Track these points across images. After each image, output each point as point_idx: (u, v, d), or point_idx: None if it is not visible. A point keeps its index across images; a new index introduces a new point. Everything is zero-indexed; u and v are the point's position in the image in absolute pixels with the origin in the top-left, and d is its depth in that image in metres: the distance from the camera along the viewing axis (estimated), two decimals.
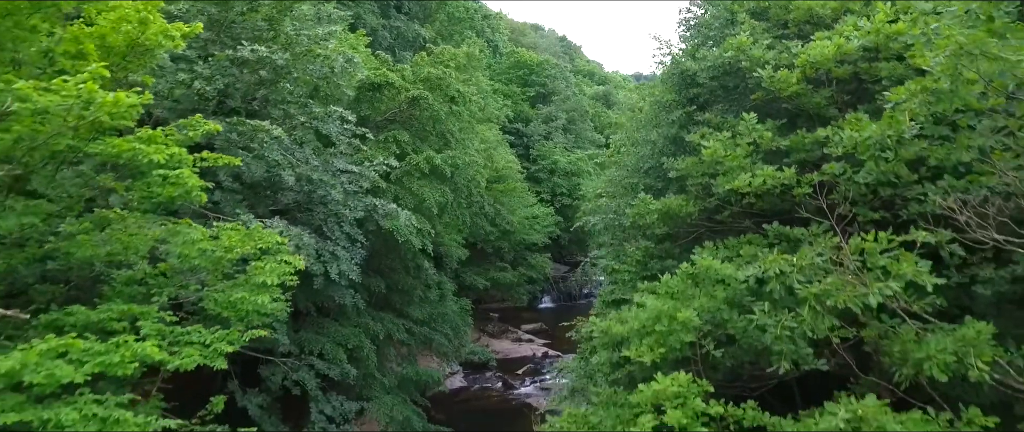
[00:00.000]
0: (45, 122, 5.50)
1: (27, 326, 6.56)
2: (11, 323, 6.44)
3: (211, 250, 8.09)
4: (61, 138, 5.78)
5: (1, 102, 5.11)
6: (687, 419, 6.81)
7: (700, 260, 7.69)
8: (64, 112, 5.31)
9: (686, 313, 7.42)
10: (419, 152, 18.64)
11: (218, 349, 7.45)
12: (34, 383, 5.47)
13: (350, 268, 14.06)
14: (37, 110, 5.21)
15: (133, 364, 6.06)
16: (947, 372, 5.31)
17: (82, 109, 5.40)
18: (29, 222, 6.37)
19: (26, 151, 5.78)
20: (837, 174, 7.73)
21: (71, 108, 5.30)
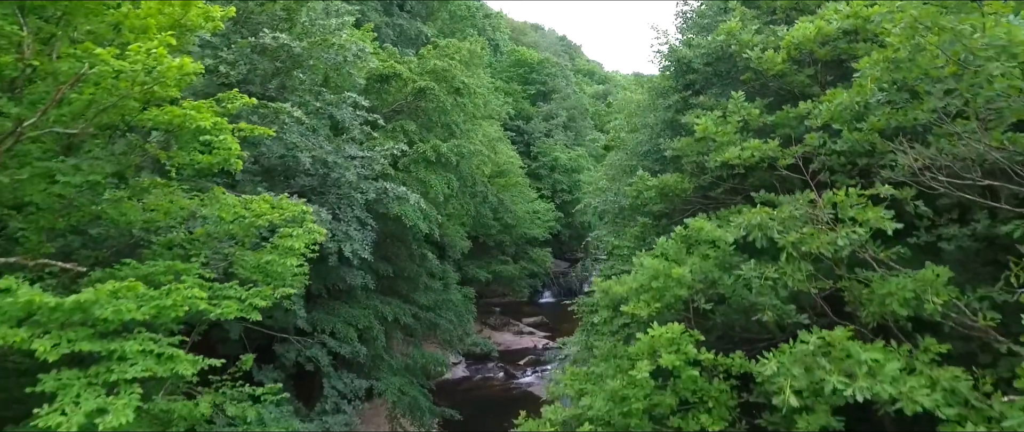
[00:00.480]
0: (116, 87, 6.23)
1: (84, 278, 7.30)
2: (70, 274, 7.17)
3: (243, 216, 8.83)
4: (127, 100, 6.51)
5: (78, 67, 5.85)
6: (680, 362, 7.56)
7: (693, 223, 8.45)
8: (132, 76, 6.05)
9: (680, 270, 8.18)
10: (426, 141, 19.40)
11: (252, 303, 8.20)
12: (101, 319, 6.21)
13: (362, 248, 14.81)
14: (111, 73, 5.94)
15: (183, 307, 6.80)
16: (907, 307, 6.06)
17: (146, 74, 6.14)
18: (93, 180, 7.12)
19: (97, 112, 6.53)
20: (817, 145, 8.49)
21: (138, 73, 6.04)
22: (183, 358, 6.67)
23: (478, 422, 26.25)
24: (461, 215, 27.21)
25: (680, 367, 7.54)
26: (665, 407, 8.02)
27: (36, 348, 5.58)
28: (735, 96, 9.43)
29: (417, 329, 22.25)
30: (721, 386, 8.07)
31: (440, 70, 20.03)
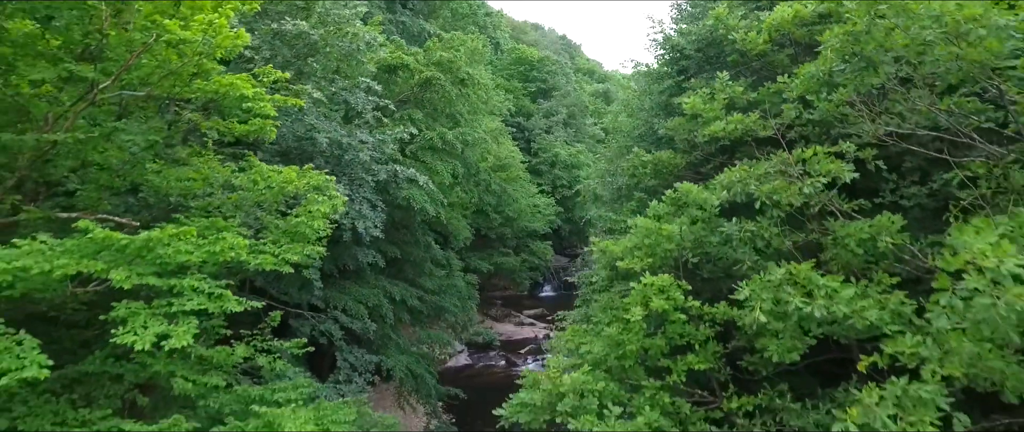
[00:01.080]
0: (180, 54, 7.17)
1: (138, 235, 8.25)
2: (125, 229, 8.13)
3: (275, 183, 9.80)
4: (187, 67, 7.46)
5: (148, 37, 6.80)
6: (669, 307, 8.52)
7: (682, 186, 9.42)
8: (193, 46, 7.00)
9: (669, 228, 9.16)
10: (432, 129, 20.38)
11: (285, 257, 9.17)
12: (163, 258, 7.18)
13: (374, 225, 15.78)
14: (176, 41, 6.89)
15: (230, 253, 7.76)
16: (862, 246, 7.03)
17: (203, 45, 7.08)
18: (152, 140, 8.07)
19: (160, 78, 7.47)
20: (793, 117, 9.46)
21: (197, 43, 6.98)
22: (230, 298, 7.63)
23: (480, 406, 27.14)
24: (464, 203, 28.19)
25: (669, 311, 8.50)
26: (656, 350, 8.96)
27: (113, 277, 6.53)
28: (721, 76, 10.41)
29: (423, 312, 23.19)
30: (706, 331, 9.02)
31: (445, 61, 21.00)
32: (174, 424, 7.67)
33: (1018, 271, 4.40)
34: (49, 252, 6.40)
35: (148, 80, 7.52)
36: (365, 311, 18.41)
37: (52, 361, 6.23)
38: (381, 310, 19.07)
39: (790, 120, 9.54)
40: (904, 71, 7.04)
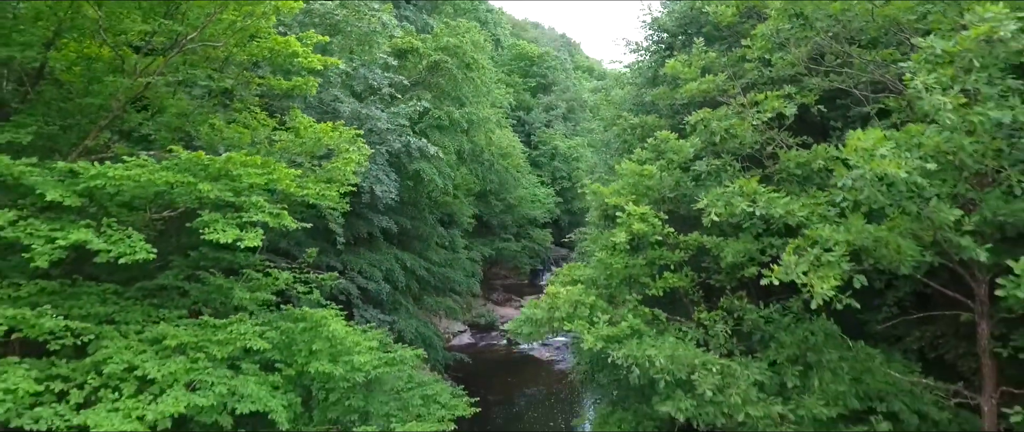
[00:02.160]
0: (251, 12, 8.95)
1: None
2: None
3: (312, 135, 11.60)
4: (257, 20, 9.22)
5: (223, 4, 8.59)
6: (648, 229, 10.30)
7: (660, 134, 11.21)
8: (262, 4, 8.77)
9: (650, 169, 10.95)
10: (440, 109, 22.19)
11: (325, 194, 10.96)
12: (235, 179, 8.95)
13: (390, 189, 17.57)
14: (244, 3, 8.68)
15: (285, 180, 9.54)
16: (801, 168, 8.83)
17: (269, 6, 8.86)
18: (222, 86, 9.84)
19: (232, 33, 9.24)
20: (755, 76, 11.27)
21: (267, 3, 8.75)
22: (286, 216, 9.42)
23: (482, 381, 28.94)
24: (469, 184, 29.98)
25: (648, 233, 10.27)
26: (639, 269, 10.75)
27: (201, 187, 8.31)
28: (697, 42, 12.21)
29: (430, 282, 24.97)
30: (681, 255, 10.82)
31: (452, 46, 22.81)
32: (239, 320, 9.45)
33: (885, 152, 6.17)
34: (151, 166, 8.16)
35: (222, 35, 9.28)
36: (380, 274, 20.18)
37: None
38: (394, 274, 20.84)
39: (753, 79, 11.34)
40: (835, 28, 8.84)
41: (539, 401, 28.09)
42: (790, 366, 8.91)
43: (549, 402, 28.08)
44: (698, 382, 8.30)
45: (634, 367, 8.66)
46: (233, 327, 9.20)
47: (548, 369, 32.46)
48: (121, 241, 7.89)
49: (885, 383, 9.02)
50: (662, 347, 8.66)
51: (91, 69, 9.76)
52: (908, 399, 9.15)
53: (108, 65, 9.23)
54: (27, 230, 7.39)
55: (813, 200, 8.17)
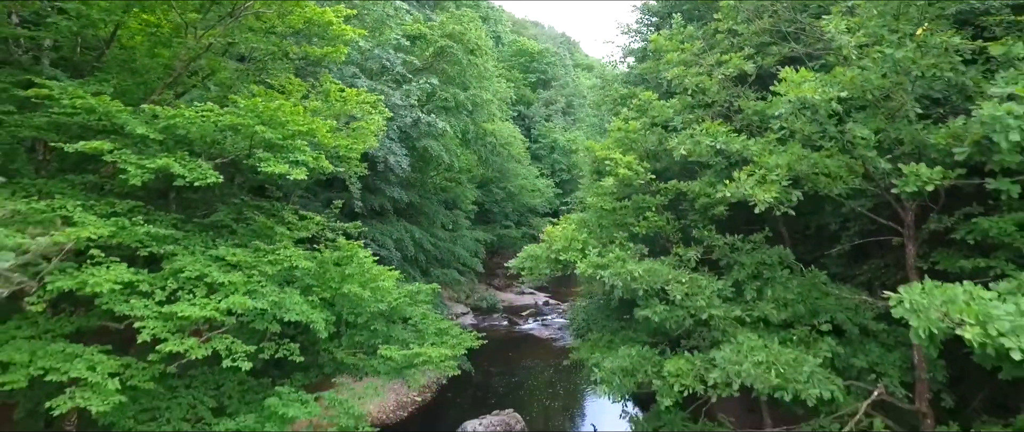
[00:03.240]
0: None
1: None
2: None
3: (342, 98, 13.41)
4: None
5: None
6: (632, 174, 12.13)
7: (644, 94, 13.05)
8: None
9: (634, 124, 12.79)
10: (446, 91, 24.06)
11: (353, 146, 12.77)
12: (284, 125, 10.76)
13: (401, 161, 19.41)
14: None
15: (322, 130, 11.34)
16: (758, 115, 10.65)
17: None
18: (272, 49, 11.69)
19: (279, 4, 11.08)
20: (728, 47, 13.10)
21: None
22: (325, 162, 11.24)
23: (485, 356, 30.72)
24: (471, 167, 31.84)
25: (632, 178, 12.09)
26: (625, 211, 12.58)
27: (257, 129, 10.13)
28: (676, 18, 14.06)
29: (437, 257, 26.79)
30: (661, 199, 12.66)
31: (457, 33, 24.67)
32: (284, 246, 11.27)
33: (807, 84, 7.99)
34: (217, 110, 9.98)
35: (270, 6, 11.11)
36: (391, 243, 21.99)
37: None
38: (403, 244, 22.65)
39: (724, 49, 13.19)
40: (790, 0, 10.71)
41: (538, 372, 29.86)
42: (749, 282, 10.74)
43: (547, 373, 29.88)
44: (670, 291, 10.11)
45: (618, 282, 10.47)
46: (280, 252, 11.02)
47: (547, 346, 34.23)
48: (196, 168, 9.72)
49: (831, 300, 10.83)
50: (641, 265, 10.47)
51: (155, 36, 11.62)
52: (850, 314, 10.95)
53: (171, 32, 11.07)
54: (122, 156, 9.21)
55: (765, 139, 10.00)
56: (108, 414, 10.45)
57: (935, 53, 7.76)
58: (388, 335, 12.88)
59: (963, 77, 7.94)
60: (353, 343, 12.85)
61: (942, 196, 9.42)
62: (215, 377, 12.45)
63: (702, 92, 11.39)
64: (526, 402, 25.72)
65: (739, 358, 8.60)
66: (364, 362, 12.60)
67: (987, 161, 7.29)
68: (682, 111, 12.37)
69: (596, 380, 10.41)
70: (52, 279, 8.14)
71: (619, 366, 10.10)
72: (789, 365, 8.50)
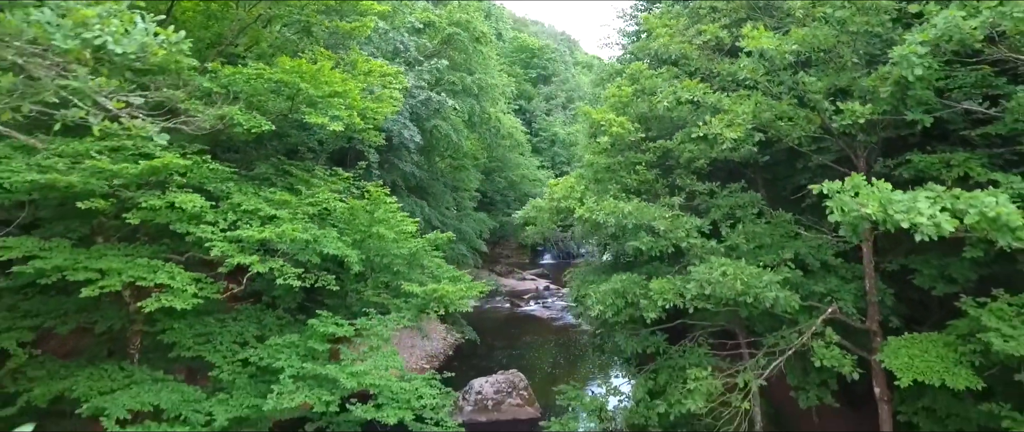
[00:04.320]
0: None
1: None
2: None
3: (368, 68, 15.27)
4: None
5: None
6: (624, 132, 13.96)
7: (634, 65, 14.90)
8: None
9: (626, 89, 14.64)
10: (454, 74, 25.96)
11: (381, 112, 14.63)
12: (323, 85, 12.60)
13: (413, 136, 21.26)
14: None
15: (354, 94, 13.19)
16: (732, 75, 12.51)
17: None
18: (307, 21, 13.55)
19: None
20: (710, 23, 14.95)
21: None
22: (357, 116, 13.10)
23: (489, 334, 32.57)
24: (476, 152, 33.72)
25: (624, 136, 13.92)
26: (618, 166, 14.41)
27: (302, 86, 11.98)
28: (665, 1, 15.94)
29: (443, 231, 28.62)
30: (649, 156, 14.48)
31: (464, 21, 26.58)
32: (322, 190, 13.12)
33: (766, 41, 9.83)
34: (267, 70, 11.84)
35: None
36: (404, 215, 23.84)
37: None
38: (414, 216, 24.47)
39: (706, 24, 15.04)
40: None
41: (538, 346, 31.70)
42: (724, 221, 12.58)
43: (548, 347, 31.74)
44: (656, 224, 11.95)
45: (611, 220, 12.31)
46: (318, 195, 12.88)
47: (548, 325, 36.07)
48: (251, 119, 11.58)
49: (798, 242, 12.64)
50: (631, 204, 12.31)
51: (206, 12, 13.50)
52: (813, 251, 12.77)
53: (220, 7, 12.96)
54: (193, 104, 11.06)
55: (737, 95, 11.86)
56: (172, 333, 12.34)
57: (869, 12, 9.62)
58: (409, 277, 14.70)
59: (892, 33, 9.79)
60: (378, 283, 14.69)
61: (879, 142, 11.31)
62: (257, 314, 14.31)
63: (686, 59, 13.25)
64: (528, 369, 27.50)
65: (710, 272, 10.43)
66: (388, 301, 14.42)
67: (906, 98, 9.16)
68: (669, 79, 14.22)
69: (591, 304, 12.24)
70: (146, 198, 9.99)
71: (611, 289, 11.93)
72: (752, 276, 10.33)
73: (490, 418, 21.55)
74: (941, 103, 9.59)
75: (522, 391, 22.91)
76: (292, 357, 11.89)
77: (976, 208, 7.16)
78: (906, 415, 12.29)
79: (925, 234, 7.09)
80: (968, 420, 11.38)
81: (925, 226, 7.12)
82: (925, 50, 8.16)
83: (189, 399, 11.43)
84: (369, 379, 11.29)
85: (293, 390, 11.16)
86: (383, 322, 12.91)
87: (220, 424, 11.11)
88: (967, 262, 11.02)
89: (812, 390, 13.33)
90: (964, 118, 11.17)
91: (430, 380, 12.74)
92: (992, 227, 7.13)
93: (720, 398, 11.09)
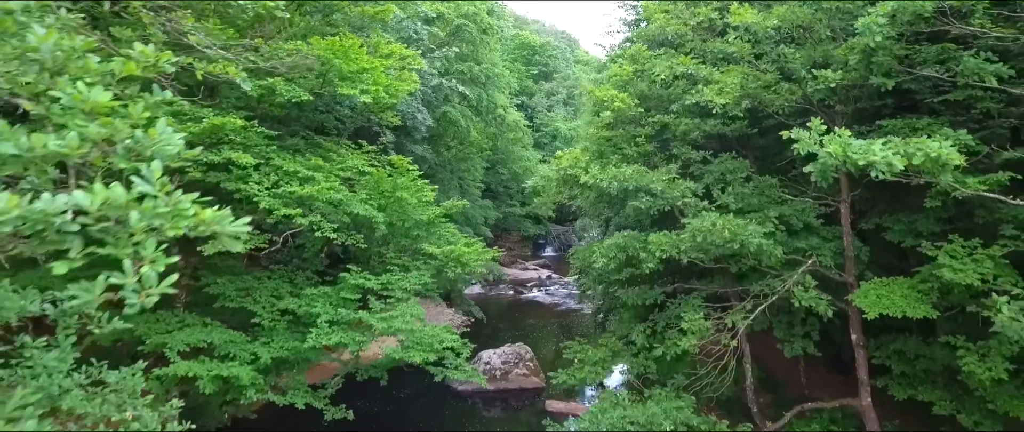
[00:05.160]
0: None
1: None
2: None
3: (389, 49, 16.71)
4: None
5: None
6: (625, 105, 15.42)
7: (634, 46, 16.35)
8: None
9: (627, 68, 16.10)
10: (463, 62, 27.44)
11: (402, 90, 16.07)
12: (353, 61, 14.04)
13: (425, 119, 22.71)
14: None
15: (380, 70, 14.63)
16: (721, 52, 13.97)
17: None
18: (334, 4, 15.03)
19: None
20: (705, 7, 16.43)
21: None
22: (383, 92, 14.53)
23: (494, 318, 34.03)
24: (482, 142, 35.17)
25: (625, 108, 15.37)
26: (619, 138, 15.86)
27: (335, 61, 13.41)
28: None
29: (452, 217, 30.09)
30: (648, 130, 15.94)
31: (471, 14, 28.06)
32: (352, 156, 14.56)
33: (750, 16, 11.27)
34: (303, 45, 13.28)
35: None
36: None
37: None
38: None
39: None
40: None
41: (541, 328, 33.18)
42: (716, 185, 14.04)
43: (550, 328, 33.22)
44: (653, 186, 13.38)
45: (614, 183, 13.73)
46: (348, 161, 14.33)
47: (550, 310, 37.53)
48: (292, 89, 13.02)
49: (785, 207, 14.07)
50: (631, 168, 13.76)
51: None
52: (798, 213, 14.20)
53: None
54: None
55: (727, 68, 13.31)
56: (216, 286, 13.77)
57: None
58: (427, 240, 16.15)
59: (862, 10, 11.24)
60: (400, 247, 16.13)
61: (854, 112, 12.77)
62: (289, 274, 15.74)
63: (681, 40, 14.71)
64: (533, 348, 28.95)
65: (702, 223, 11.87)
66: (408, 262, 15.86)
67: (871, 65, 10.61)
68: (666, 58, 15.67)
69: (595, 259, 13.67)
70: (206, 156, 11.45)
71: (614, 243, 13.38)
72: (739, 226, 11.77)
73: (498, 386, 22.99)
74: (904, 70, 11.03)
75: (528, 363, 24.35)
76: (326, 305, 13.33)
77: (922, 150, 8.60)
78: (880, 359, 13.73)
79: (879, 170, 8.51)
80: (933, 360, 12.82)
81: (879, 164, 8.54)
82: (885, 20, 9.61)
83: (236, 341, 12.86)
84: (397, 323, 12.72)
85: (329, 332, 12.59)
86: (406, 277, 14.34)
87: (264, 362, 12.54)
88: (931, 216, 12.47)
89: (797, 341, 14.77)
90: (930, 90, 12.62)
91: (448, 329, 14.16)
92: (934, 166, 8.57)
93: (711, 339, 12.53)
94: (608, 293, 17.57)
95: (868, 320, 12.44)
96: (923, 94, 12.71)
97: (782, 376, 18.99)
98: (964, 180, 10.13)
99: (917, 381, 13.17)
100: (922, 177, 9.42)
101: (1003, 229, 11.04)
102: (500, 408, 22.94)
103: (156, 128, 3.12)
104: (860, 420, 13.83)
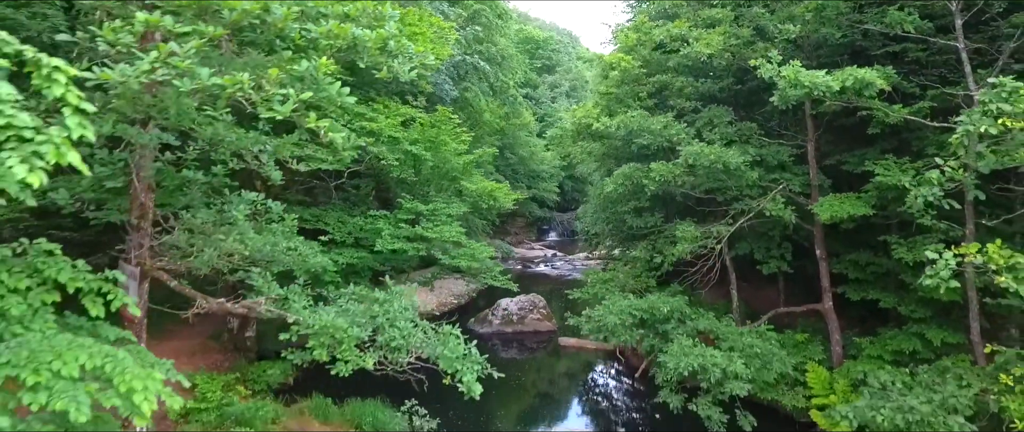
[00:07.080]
0: None
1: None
2: None
3: (430, 22, 20.02)
4: None
5: None
6: (630, 66, 18.77)
7: (638, 17, 19.66)
8: None
9: (632, 35, 19.44)
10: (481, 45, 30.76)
11: (444, 54, 19.38)
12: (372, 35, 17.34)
13: (452, 90, 26.00)
14: None
15: (384, 45, 17.90)
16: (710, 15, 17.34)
17: None
18: None
19: None
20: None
21: None
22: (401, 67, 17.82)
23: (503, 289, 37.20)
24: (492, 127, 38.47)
25: (630, 69, 18.71)
26: (624, 93, 19.20)
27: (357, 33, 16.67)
28: None
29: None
30: (649, 88, 19.29)
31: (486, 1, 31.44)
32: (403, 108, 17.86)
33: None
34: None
35: None
36: None
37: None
38: None
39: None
40: None
41: (548, 294, 36.38)
42: (705, 128, 17.37)
43: (558, 292, 36.45)
44: (654, 127, 16.67)
45: (621, 127, 17.03)
46: (401, 108, 17.61)
47: (557, 281, 40.72)
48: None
49: (764, 149, 17.36)
50: (635, 113, 17.07)
51: None
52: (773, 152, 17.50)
53: None
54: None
55: (717, 31, 16.63)
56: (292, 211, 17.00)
57: None
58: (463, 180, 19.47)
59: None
60: (440, 186, 19.41)
61: (817, 65, 16.13)
62: (347, 207, 19.00)
63: (676, 11, 18.07)
64: None
65: (692, 149, 15.19)
66: (449, 199, 19.16)
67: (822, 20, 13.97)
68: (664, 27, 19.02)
69: (606, 183, 16.98)
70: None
71: (621, 173, 16.70)
72: (721, 153, 15.09)
73: (515, 329, 26.29)
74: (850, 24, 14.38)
75: (542, 309, 27.64)
76: (387, 224, 16.61)
77: (851, 75, 11.95)
78: (839, 269, 17.03)
79: (820, 89, 11.86)
80: (880, 265, 16.14)
81: (820, 86, 11.90)
82: None
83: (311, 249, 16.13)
84: (446, 233, 16.01)
85: (392, 241, 15.87)
86: (449, 205, 17.64)
87: (338, 266, 15.80)
88: (878, 149, 15.80)
89: (773, 262, 18.08)
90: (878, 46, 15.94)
91: (483, 245, 17.46)
92: (859, 86, 11.91)
93: (700, 247, 15.84)
94: (614, 220, 20.74)
95: (831, 239, 15.79)
96: (872, 49, 16.04)
97: (763, 295, 22.35)
98: (891, 108, 13.44)
99: (868, 285, 16.46)
100: (858, 102, 12.75)
101: (928, 150, 14.36)
102: (517, 349, 26.19)
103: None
104: (824, 320, 17.11)
